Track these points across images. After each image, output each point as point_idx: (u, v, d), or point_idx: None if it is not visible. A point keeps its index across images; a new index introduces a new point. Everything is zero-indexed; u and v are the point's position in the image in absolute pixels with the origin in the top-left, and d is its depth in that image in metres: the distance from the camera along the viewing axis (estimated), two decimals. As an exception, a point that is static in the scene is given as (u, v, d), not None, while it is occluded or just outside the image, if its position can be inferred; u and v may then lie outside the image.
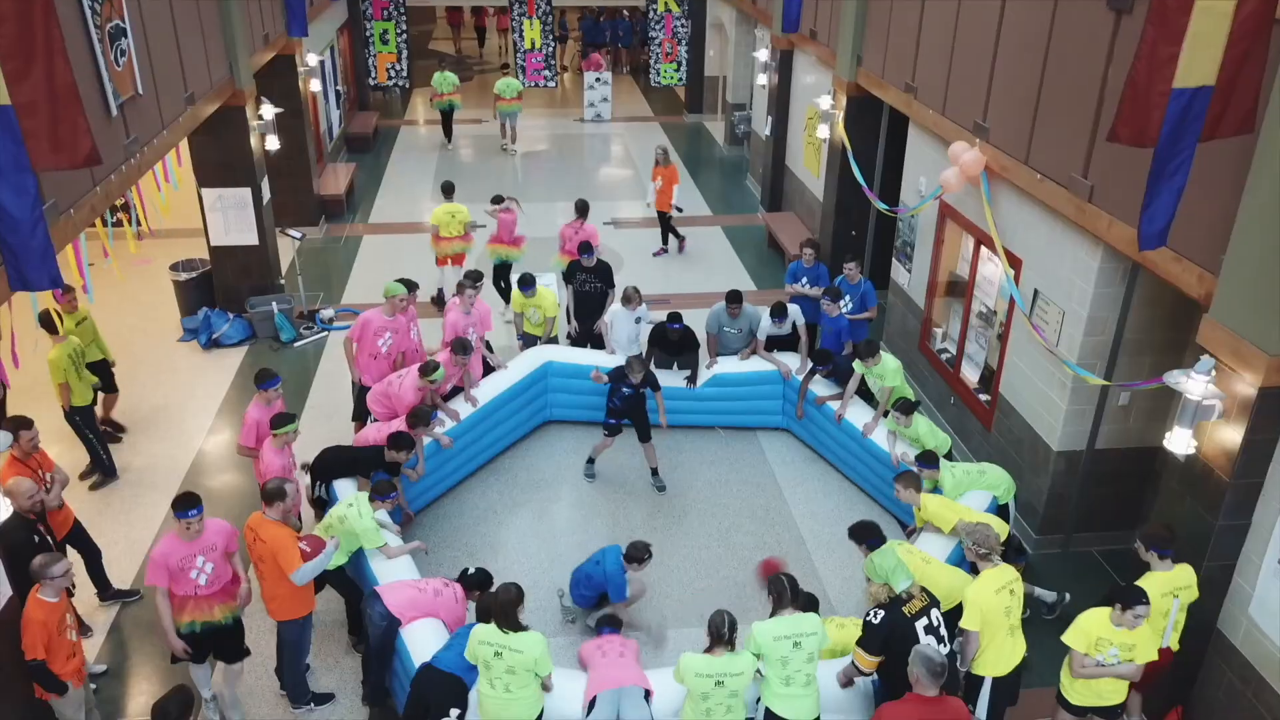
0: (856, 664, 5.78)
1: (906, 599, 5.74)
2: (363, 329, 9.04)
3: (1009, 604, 6.00)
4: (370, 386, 9.06)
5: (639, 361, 8.84)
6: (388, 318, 9.08)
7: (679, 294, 13.61)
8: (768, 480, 9.56)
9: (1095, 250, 7.40)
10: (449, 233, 12.45)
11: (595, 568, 7.46)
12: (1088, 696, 5.97)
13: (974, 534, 6.08)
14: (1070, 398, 7.87)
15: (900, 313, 11.32)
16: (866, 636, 5.73)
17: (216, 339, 11.97)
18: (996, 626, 5.95)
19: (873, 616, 5.72)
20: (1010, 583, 6.03)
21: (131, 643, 7.55)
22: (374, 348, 9.06)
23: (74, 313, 9.18)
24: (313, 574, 6.52)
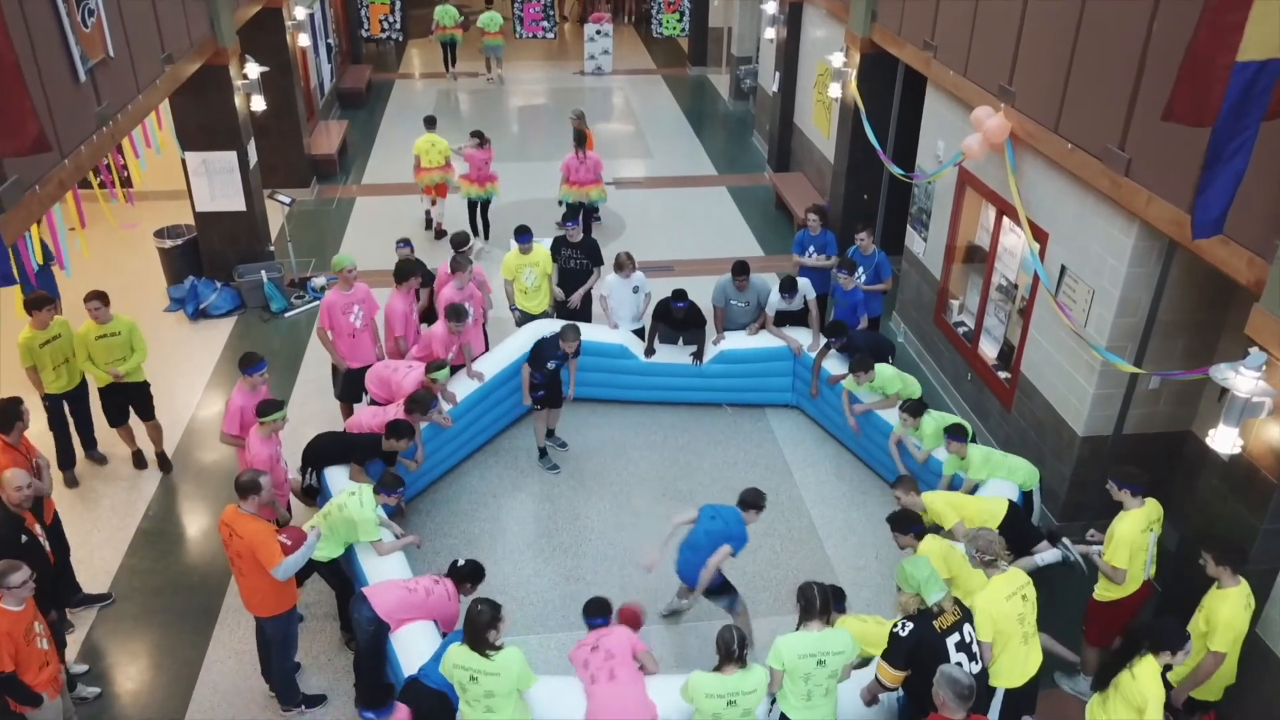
0: (880, 679, 5.44)
1: (938, 612, 5.38)
2: (329, 314, 8.63)
3: (1022, 610, 5.65)
4: (356, 368, 8.67)
5: (573, 329, 8.47)
6: (346, 292, 8.65)
7: (681, 259, 13.15)
8: (777, 462, 9.19)
9: (1130, 227, 6.94)
10: (430, 163, 13.11)
11: (713, 523, 6.75)
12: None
13: (976, 540, 5.72)
14: (1098, 381, 7.47)
15: (914, 283, 10.87)
16: (892, 650, 5.38)
17: (204, 309, 11.55)
18: (1009, 635, 5.61)
19: (900, 629, 5.36)
20: (1021, 587, 5.68)
21: (115, 640, 7.24)
22: (348, 327, 8.66)
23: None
24: (294, 568, 6.18)
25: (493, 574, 7.54)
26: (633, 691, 5.60)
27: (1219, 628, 5.58)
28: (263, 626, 6.45)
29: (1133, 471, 6.27)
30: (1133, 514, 6.25)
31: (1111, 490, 6.32)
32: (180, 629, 7.32)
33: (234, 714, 6.66)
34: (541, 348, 8.56)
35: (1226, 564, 5.61)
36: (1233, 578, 5.65)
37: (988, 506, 6.88)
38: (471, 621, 5.36)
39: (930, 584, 5.34)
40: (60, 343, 8.24)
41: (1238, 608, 5.60)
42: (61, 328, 8.27)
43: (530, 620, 7.42)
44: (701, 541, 6.71)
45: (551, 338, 8.56)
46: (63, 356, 8.29)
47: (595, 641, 5.84)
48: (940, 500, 6.94)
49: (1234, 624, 5.60)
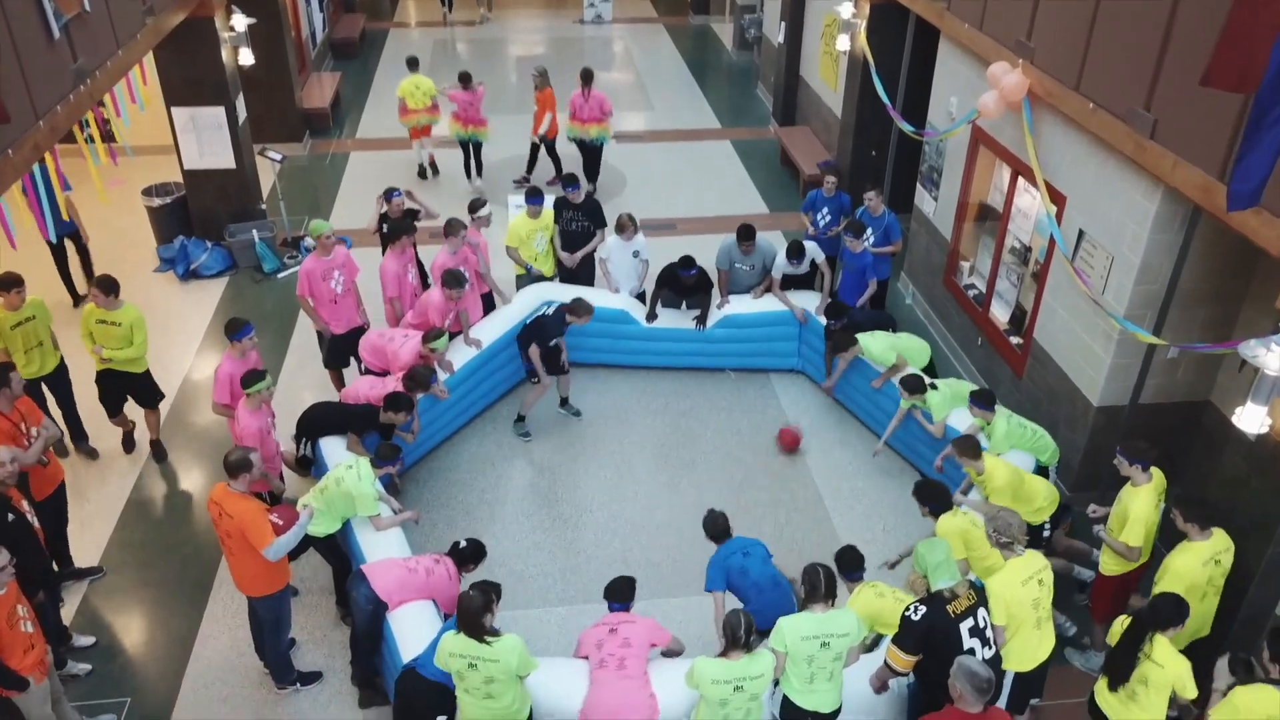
0: (890, 663, 5.27)
1: (951, 597, 5.20)
2: (309, 282, 8.35)
3: (1038, 595, 5.49)
4: (341, 334, 8.43)
5: (584, 303, 8.20)
6: (326, 258, 8.36)
7: (684, 218, 12.84)
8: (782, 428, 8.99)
9: (1154, 192, 6.65)
10: (415, 104, 13.06)
11: (748, 559, 6.19)
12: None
13: (995, 520, 5.51)
14: (1116, 351, 7.23)
15: (924, 243, 10.58)
16: (903, 634, 5.20)
17: (195, 270, 11.27)
18: (1022, 620, 5.46)
19: (912, 613, 5.18)
20: (1039, 572, 5.51)
21: (106, 615, 7.09)
22: (329, 293, 8.40)
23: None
24: (287, 548, 6.01)
25: (491, 547, 7.33)
26: (638, 687, 5.45)
27: (1172, 578, 5.68)
28: (255, 607, 6.29)
29: (1142, 446, 6.15)
30: (1144, 491, 6.13)
31: (1120, 465, 6.19)
32: (173, 603, 7.18)
33: (228, 692, 6.53)
34: (545, 325, 8.27)
35: (1195, 520, 5.73)
36: (1201, 533, 5.74)
37: (1043, 488, 6.69)
38: (465, 609, 5.18)
39: (940, 570, 5.16)
40: (33, 325, 7.77)
41: (1195, 561, 5.70)
42: (35, 309, 7.79)
43: (531, 595, 7.27)
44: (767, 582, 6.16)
45: (555, 315, 8.27)
46: (36, 340, 7.82)
47: (615, 624, 5.66)
48: (1002, 476, 6.57)
49: (1184, 575, 5.67)
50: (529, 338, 8.32)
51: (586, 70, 12.85)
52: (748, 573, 6.12)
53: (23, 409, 6.75)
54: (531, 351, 8.27)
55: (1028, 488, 6.64)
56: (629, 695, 5.40)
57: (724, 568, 6.17)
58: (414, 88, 13.03)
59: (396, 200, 9.43)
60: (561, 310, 8.24)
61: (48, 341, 7.92)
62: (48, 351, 7.93)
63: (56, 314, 8.31)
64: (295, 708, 6.42)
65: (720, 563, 6.19)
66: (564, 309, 8.23)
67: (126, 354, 7.91)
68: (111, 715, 6.32)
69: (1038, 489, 6.66)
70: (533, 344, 8.28)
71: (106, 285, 7.80)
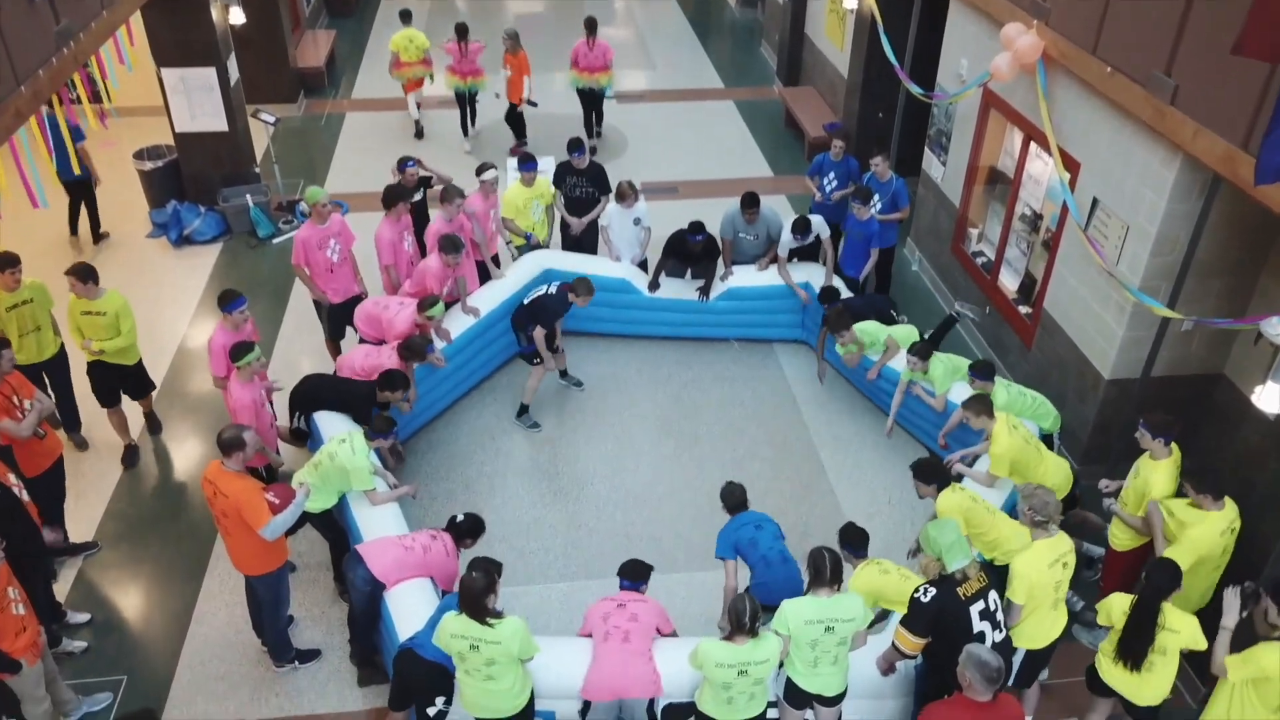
0: (898, 645, 5.17)
1: (962, 579, 5.08)
2: (304, 250, 8.15)
3: (1060, 578, 5.40)
4: (339, 304, 8.26)
5: (586, 284, 7.96)
6: (322, 226, 8.15)
7: (687, 180, 12.60)
8: (785, 400, 8.85)
9: (1172, 160, 6.45)
10: (409, 58, 12.89)
11: (761, 531, 6.12)
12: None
13: (1032, 498, 5.39)
14: (1129, 323, 7.07)
15: (931, 209, 10.36)
16: (912, 616, 5.09)
17: (188, 235, 11.06)
18: (1041, 600, 5.38)
19: (922, 594, 5.06)
20: (1064, 555, 5.40)
21: (101, 591, 7.00)
22: (325, 262, 8.20)
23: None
24: (283, 528, 5.90)
25: (491, 521, 7.22)
26: (642, 660, 5.38)
27: (1188, 544, 5.61)
28: (252, 585, 6.19)
29: (1166, 420, 5.98)
30: (1164, 465, 6.01)
31: (1141, 438, 6.04)
32: (168, 580, 7.08)
33: (226, 670, 6.45)
34: (547, 305, 8.02)
35: (1208, 491, 5.62)
36: (1215, 504, 5.64)
37: (1054, 466, 6.56)
38: (467, 590, 5.07)
39: (954, 550, 5.02)
40: (31, 308, 7.37)
41: (1213, 531, 5.62)
42: (34, 292, 7.42)
43: (532, 571, 7.17)
44: (776, 557, 6.05)
45: (558, 295, 8.02)
46: (33, 324, 7.42)
47: (625, 600, 5.58)
48: (1006, 441, 6.41)
49: (1200, 545, 5.60)
50: (529, 317, 8.04)
51: (590, 19, 12.56)
52: (757, 545, 6.05)
53: (14, 382, 6.60)
54: (536, 334, 7.98)
55: (1034, 465, 6.48)
56: (632, 667, 5.34)
57: (733, 539, 6.09)
58: (407, 41, 12.80)
59: (410, 170, 9.19)
60: (563, 289, 8.02)
61: (47, 327, 7.54)
62: (46, 337, 7.56)
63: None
64: (294, 686, 6.35)
65: (730, 533, 6.12)
66: (565, 288, 8.01)
67: (116, 344, 7.49)
68: (108, 694, 6.25)
69: (1048, 468, 6.51)
70: (536, 325, 7.99)
71: (82, 273, 7.29)
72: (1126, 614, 5.22)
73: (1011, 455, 6.41)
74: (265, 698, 6.27)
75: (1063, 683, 6.21)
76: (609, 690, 5.30)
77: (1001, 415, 6.49)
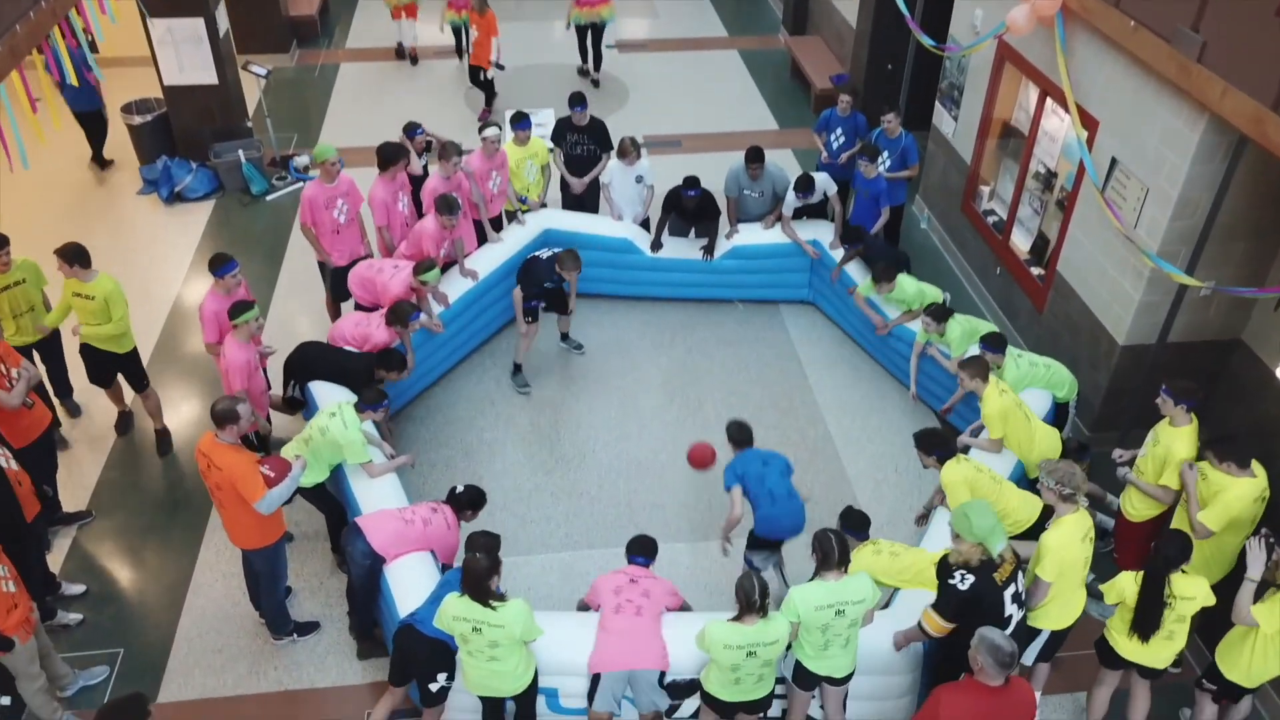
0: (925, 627, 5.02)
1: (998, 563, 4.92)
2: (310, 209, 7.90)
3: (1088, 554, 5.28)
4: (344, 266, 8.03)
5: (574, 257, 7.74)
6: (330, 185, 7.90)
7: (690, 134, 12.29)
8: (791, 364, 8.67)
9: (1197, 120, 6.20)
10: None
11: (768, 467, 6.10)
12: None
13: (1056, 472, 5.22)
14: (1146, 288, 6.87)
15: (941, 165, 10.09)
16: (947, 601, 4.90)
17: (179, 192, 10.79)
18: (1070, 579, 5.27)
19: (960, 581, 4.86)
20: (1089, 530, 5.28)
21: (96, 561, 6.90)
22: (332, 222, 7.96)
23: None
24: (280, 501, 5.76)
25: (492, 489, 7.11)
26: (653, 635, 5.29)
27: (1221, 508, 5.50)
28: (249, 559, 6.07)
29: (1190, 387, 5.83)
30: (1186, 433, 5.85)
31: (1163, 404, 5.88)
32: (164, 549, 6.97)
33: (224, 642, 6.36)
34: (533, 269, 7.85)
35: (1232, 458, 5.49)
36: (1243, 471, 5.51)
37: (1042, 436, 6.44)
38: (470, 573, 4.95)
39: (995, 534, 4.84)
40: (23, 290, 7.04)
41: (1249, 496, 5.51)
42: (26, 271, 7.08)
43: (533, 540, 7.06)
44: (783, 492, 6.05)
45: (547, 260, 7.84)
46: (26, 305, 7.09)
47: (636, 576, 5.48)
48: (997, 406, 6.33)
49: (1233, 508, 5.50)
50: (520, 277, 7.93)
51: None
52: (764, 480, 6.02)
53: (0, 350, 6.43)
54: (515, 294, 7.86)
55: (1023, 431, 6.38)
56: (642, 642, 5.25)
57: (740, 472, 6.07)
58: None
59: (420, 137, 8.86)
60: (554, 258, 7.81)
61: (40, 307, 7.24)
62: (41, 316, 7.24)
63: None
64: (292, 659, 6.26)
65: (737, 466, 6.10)
66: (554, 258, 7.79)
67: (106, 331, 7.07)
68: (104, 667, 6.16)
69: (1036, 436, 6.39)
70: (516, 286, 7.87)
71: (70, 254, 6.87)
72: (1138, 590, 5.12)
73: (1003, 415, 6.34)
74: (264, 671, 6.19)
75: (1069, 655, 6.12)
76: (619, 662, 5.21)
77: (992, 379, 6.40)
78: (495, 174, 8.56)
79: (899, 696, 5.65)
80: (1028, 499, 5.99)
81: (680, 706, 5.58)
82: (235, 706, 5.99)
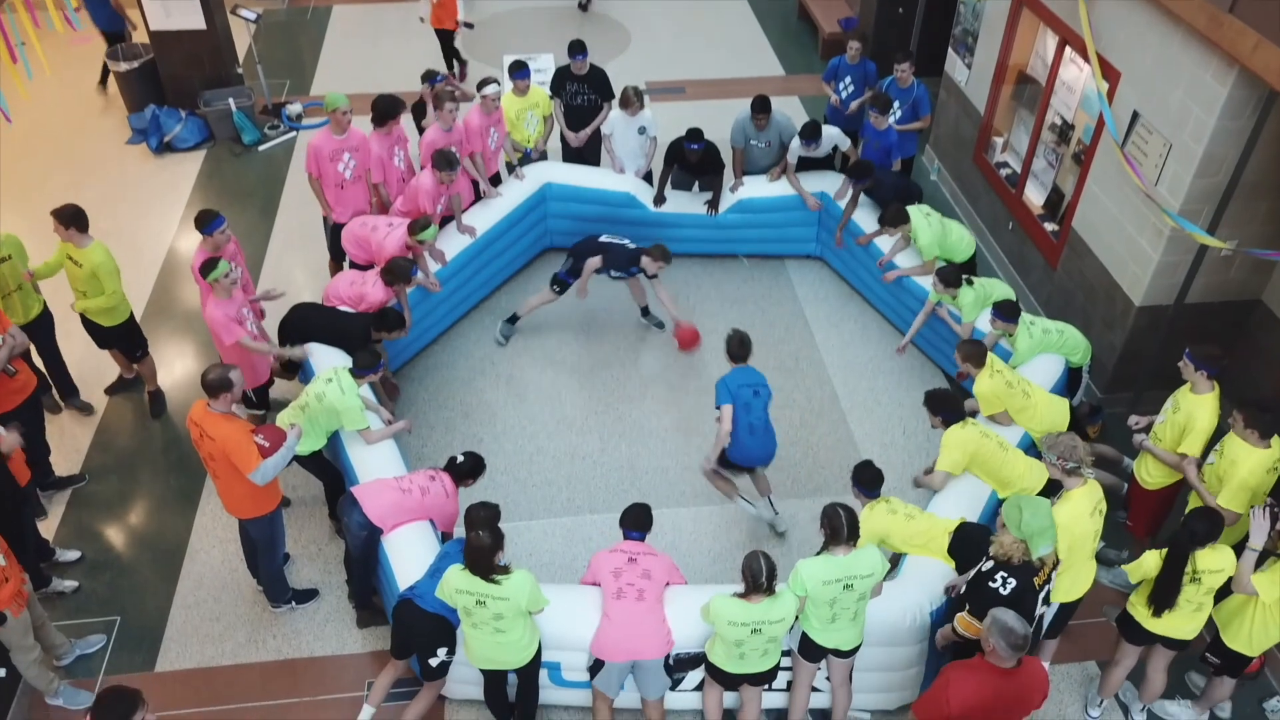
0: (959, 630, 4.82)
1: (1039, 567, 4.73)
2: (315, 159, 7.63)
3: (1098, 526, 5.15)
4: (344, 224, 7.79)
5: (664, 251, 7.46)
6: (338, 137, 7.62)
7: (693, 80, 11.95)
8: (797, 322, 8.47)
9: (1226, 74, 5.92)
10: None
11: (759, 397, 6.21)
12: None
13: (1057, 446, 5.08)
14: (1165, 248, 6.66)
15: (954, 114, 9.78)
16: (985, 603, 4.59)
17: (169, 142, 10.51)
18: (1081, 553, 5.14)
19: (1001, 585, 4.64)
20: (1099, 502, 5.14)
21: (90, 527, 6.79)
22: (336, 176, 7.68)
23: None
24: (275, 472, 5.61)
25: (491, 452, 7.06)
26: (656, 620, 5.17)
27: (1238, 483, 5.36)
28: (245, 527, 5.96)
29: (1214, 353, 5.64)
30: (1209, 400, 5.67)
31: (1185, 369, 5.69)
32: (159, 514, 6.87)
33: (221, 610, 6.28)
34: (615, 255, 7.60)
35: (1257, 427, 5.33)
36: (1262, 441, 5.35)
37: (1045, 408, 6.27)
38: (474, 550, 4.82)
39: (1044, 536, 4.66)
40: (10, 266, 6.69)
41: (1261, 467, 5.36)
42: (10, 247, 6.72)
43: (534, 505, 6.94)
44: (762, 425, 6.23)
45: (633, 251, 7.57)
46: (14, 282, 6.73)
47: (636, 554, 5.32)
48: (988, 385, 6.20)
49: (1250, 481, 5.36)
50: (596, 250, 7.64)
51: None
52: (751, 410, 6.12)
53: None
54: (589, 263, 7.58)
55: (1020, 408, 6.25)
56: (645, 627, 5.14)
57: (733, 393, 6.10)
58: None
59: (439, 85, 8.42)
60: (640, 251, 7.54)
61: (27, 284, 6.87)
62: (29, 295, 6.89)
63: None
64: (291, 628, 6.18)
65: (730, 385, 6.13)
66: (643, 251, 7.52)
67: (98, 304, 6.83)
68: (100, 636, 6.09)
69: (1038, 410, 6.24)
70: (595, 257, 7.59)
71: (66, 216, 6.56)
72: (1161, 566, 4.99)
73: (994, 396, 6.22)
74: (262, 639, 6.11)
75: (1076, 624, 6.02)
76: (623, 651, 5.11)
77: (989, 359, 6.25)
78: (493, 130, 8.26)
79: (906, 668, 5.56)
80: (1034, 466, 5.86)
81: (685, 678, 5.51)
82: (234, 675, 5.92)
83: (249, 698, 5.80)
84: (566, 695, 5.63)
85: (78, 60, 11.79)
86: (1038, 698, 4.44)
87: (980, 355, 6.21)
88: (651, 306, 8.31)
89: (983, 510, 5.85)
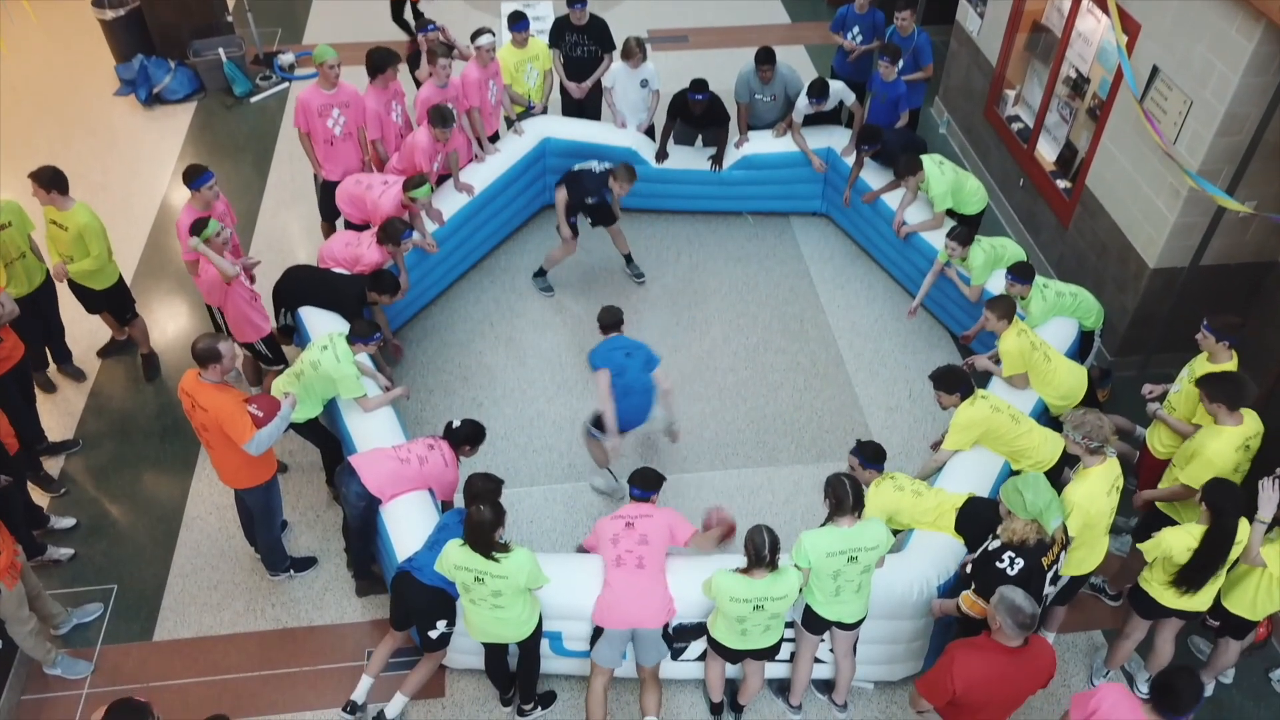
0: (964, 608, 4.75)
1: (1050, 544, 4.63)
2: (304, 115, 7.40)
3: (1114, 504, 5.05)
4: (335, 181, 7.59)
5: (629, 171, 7.32)
6: (328, 92, 7.38)
7: (697, 28, 11.63)
8: (803, 282, 8.30)
9: (1253, 28, 5.69)
10: None
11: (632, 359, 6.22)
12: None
13: (1082, 425, 4.91)
14: (1182, 208, 6.47)
15: (964, 66, 9.50)
16: (991, 583, 4.53)
17: (158, 93, 10.25)
18: (1097, 530, 5.04)
19: (1008, 565, 4.56)
20: (1117, 479, 5.03)
21: (85, 493, 6.70)
22: (325, 132, 7.45)
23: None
24: (270, 442, 5.48)
25: (491, 417, 6.95)
26: (657, 588, 5.10)
27: (1202, 465, 5.22)
28: (242, 497, 5.86)
29: (1233, 322, 5.51)
30: (1226, 370, 5.52)
31: (1204, 339, 5.56)
32: (155, 480, 6.78)
33: (219, 578, 6.21)
34: (582, 181, 7.42)
35: (1222, 400, 5.20)
36: (1230, 415, 5.23)
37: (1065, 373, 6.15)
38: (474, 525, 4.73)
39: (1051, 510, 4.55)
40: (11, 234, 6.44)
41: (1228, 446, 5.22)
42: (11, 214, 6.46)
43: (535, 471, 6.85)
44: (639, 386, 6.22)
45: (600, 174, 7.40)
46: (17, 251, 6.48)
47: (633, 518, 5.22)
48: (1014, 345, 6.07)
49: (1217, 462, 5.20)
50: (562, 182, 7.54)
51: None
52: (625, 372, 6.13)
53: None
54: (559, 194, 7.50)
55: (1042, 371, 6.13)
56: (646, 596, 5.06)
57: (607, 358, 6.19)
58: None
59: (432, 34, 8.19)
60: (608, 171, 7.39)
61: (30, 252, 6.65)
62: (32, 264, 6.66)
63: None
64: (289, 596, 6.12)
65: (604, 352, 6.23)
66: (609, 171, 7.38)
67: (83, 267, 6.61)
68: (98, 604, 6.03)
69: (1059, 375, 6.13)
70: (561, 189, 7.49)
71: (45, 178, 6.36)
72: (1194, 549, 4.83)
73: (1020, 355, 6.09)
74: (261, 608, 6.05)
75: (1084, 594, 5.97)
76: (623, 619, 5.05)
77: (1010, 331, 6.11)
78: (492, 83, 8.01)
79: (910, 640, 5.50)
80: (1050, 437, 5.74)
81: (687, 648, 5.46)
82: (233, 644, 5.86)
83: (247, 667, 5.75)
84: (568, 665, 5.59)
85: (64, 10, 11.47)
86: (1044, 677, 4.37)
87: (1011, 311, 6.07)
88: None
89: (993, 484, 5.73)
